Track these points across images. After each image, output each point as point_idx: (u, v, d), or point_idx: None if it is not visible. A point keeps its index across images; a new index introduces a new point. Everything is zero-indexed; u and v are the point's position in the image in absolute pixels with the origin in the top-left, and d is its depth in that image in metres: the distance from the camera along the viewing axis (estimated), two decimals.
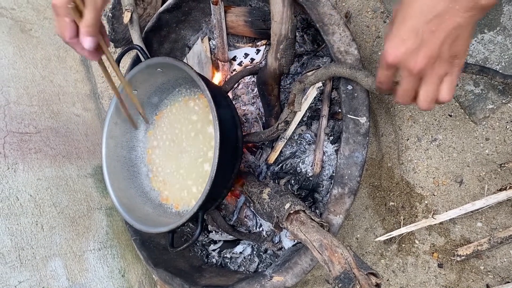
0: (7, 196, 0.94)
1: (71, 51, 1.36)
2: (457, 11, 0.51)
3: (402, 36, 0.55)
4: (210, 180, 0.75)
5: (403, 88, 0.60)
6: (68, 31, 0.67)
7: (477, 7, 0.51)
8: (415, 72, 0.56)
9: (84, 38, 0.67)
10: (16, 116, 1.05)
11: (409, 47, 0.55)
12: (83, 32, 0.67)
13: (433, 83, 0.58)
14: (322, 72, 0.80)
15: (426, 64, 0.55)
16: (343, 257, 0.64)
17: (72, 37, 0.67)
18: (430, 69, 0.56)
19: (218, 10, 1.05)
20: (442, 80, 0.57)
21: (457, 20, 0.52)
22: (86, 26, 0.66)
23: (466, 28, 0.53)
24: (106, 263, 1.07)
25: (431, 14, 0.53)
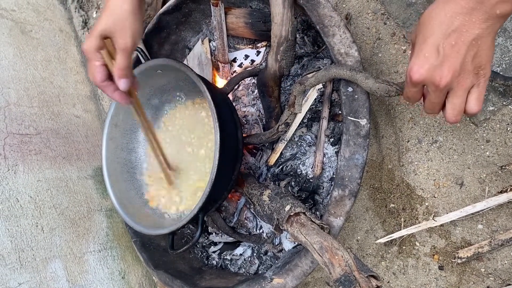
0: (7, 197, 0.94)
1: (71, 52, 1.36)
2: (473, 23, 0.53)
3: (425, 53, 0.57)
4: (210, 181, 0.75)
5: (431, 102, 0.62)
6: (99, 75, 0.69)
7: (493, 17, 0.52)
8: (442, 86, 0.57)
9: (119, 80, 0.69)
10: (16, 117, 1.05)
11: (433, 63, 0.56)
12: (117, 75, 0.69)
13: (460, 96, 0.58)
14: (323, 74, 0.80)
15: (451, 78, 0.56)
16: (343, 259, 0.64)
17: (103, 80, 0.70)
18: (455, 82, 0.57)
19: (218, 12, 1.05)
20: (469, 91, 0.58)
21: (475, 32, 0.53)
22: (120, 69, 0.68)
23: (486, 38, 0.54)
24: (106, 264, 1.07)
25: (450, 29, 0.54)
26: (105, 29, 0.67)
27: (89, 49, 0.67)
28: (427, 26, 0.57)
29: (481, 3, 0.51)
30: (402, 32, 0.97)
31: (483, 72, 0.57)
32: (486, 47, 0.55)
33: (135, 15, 0.68)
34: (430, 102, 0.62)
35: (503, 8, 0.51)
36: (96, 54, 0.68)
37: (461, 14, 0.53)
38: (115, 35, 0.67)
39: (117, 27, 0.67)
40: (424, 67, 0.57)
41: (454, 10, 0.54)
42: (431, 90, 0.59)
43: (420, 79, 0.58)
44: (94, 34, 0.67)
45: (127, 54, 0.68)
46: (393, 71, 0.97)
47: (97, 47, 0.67)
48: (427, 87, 0.60)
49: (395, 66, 0.97)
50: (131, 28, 0.68)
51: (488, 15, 0.52)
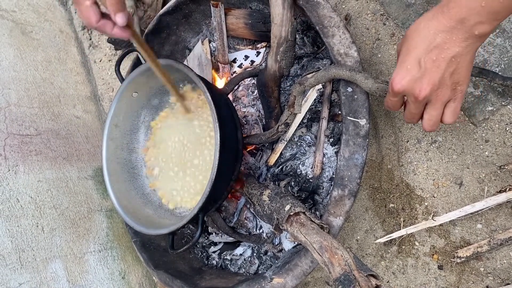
0: (7, 198, 0.94)
1: (71, 53, 1.37)
2: (454, 42, 0.56)
3: (407, 65, 0.60)
4: (210, 182, 0.75)
5: (409, 112, 0.65)
6: (94, 15, 0.64)
7: (472, 37, 0.55)
8: (420, 98, 0.60)
9: (116, 15, 0.64)
10: (17, 118, 1.06)
11: (414, 76, 0.59)
12: (112, 10, 0.64)
13: (436, 109, 0.62)
14: (322, 74, 0.81)
15: (430, 91, 0.59)
16: (343, 259, 0.64)
17: (98, 19, 0.65)
18: (434, 95, 0.60)
19: (218, 13, 1.05)
20: (446, 104, 0.62)
21: (455, 50, 0.56)
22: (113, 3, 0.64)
23: (465, 56, 0.57)
24: (106, 265, 1.07)
25: (432, 44, 0.57)
26: None
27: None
28: (412, 40, 0.60)
29: (461, 23, 0.54)
30: (401, 33, 0.97)
31: (460, 88, 0.60)
32: (464, 64, 0.58)
33: None
34: (409, 112, 0.65)
35: (482, 29, 0.54)
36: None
37: (443, 32, 0.56)
38: None
39: None
40: (406, 78, 0.60)
41: (437, 27, 0.57)
42: (411, 101, 0.63)
43: (401, 89, 0.61)
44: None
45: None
46: (392, 71, 0.97)
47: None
48: (407, 97, 0.64)
49: (394, 66, 0.97)
50: None
51: (468, 35, 0.55)
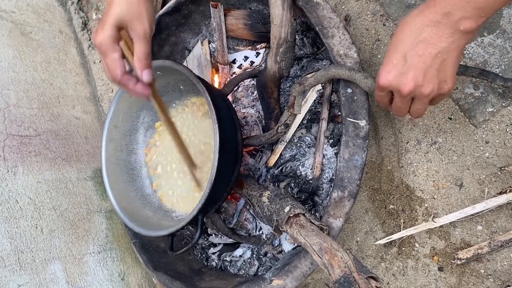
0: (6, 199, 0.94)
1: (71, 53, 1.36)
2: (440, 37, 0.56)
3: (393, 60, 0.60)
4: (210, 183, 0.75)
5: (396, 105, 0.66)
6: (120, 68, 0.64)
7: (458, 32, 0.55)
8: (405, 94, 0.60)
9: (143, 71, 0.64)
10: (16, 119, 1.05)
11: (399, 70, 0.59)
12: (140, 66, 0.63)
13: (422, 103, 0.63)
14: (322, 74, 0.80)
15: (414, 86, 0.59)
16: (343, 261, 0.64)
17: (124, 73, 0.64)
18: (418, 91, 0.60)
19: (217, 13, 1.05)
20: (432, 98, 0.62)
21: (441, 45, 0.56)
22: (142, 59, 0.63)
23: (451, 53, 0.57)
24: (105, 266, 1.07)
25: (418, 39, 0.57)
26: (120, 18, 0.61)
27: (105, 41, 0.62)
28: (399, 35, 0.60)
29: (447, 17, 0.54)
30: None
31: (447, 88, 0.60)
32: (450, 61, 0.58)
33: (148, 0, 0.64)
34: (396, 105, 0.66)
35: (467, 25, 0.54)
36: (114, 46, 0.62)
37: (428, 26, 0.56)
38: (132, 23, 0.62)
39: (133, 14, 0.62)
40: (391, 73, 0.60)
41: (423, 22, 0.57)
42: (396, 95, 0.63)
43: (386, 84, 0.61)
44: (108, 25, 0.61)
45: (147, 41, 0.64)
46: None
47: (114, 39, 0.62)
48: (393, 92, 0.64)
49: None
50: (147, 13, 0.63)
51: (453, 30, 0.55)
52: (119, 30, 0.63)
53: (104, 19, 0.62)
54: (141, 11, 0.62)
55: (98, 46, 0.63)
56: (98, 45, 0.63)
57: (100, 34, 0.62)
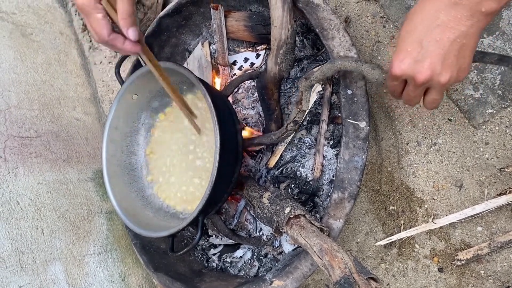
0: (7, 200, 0.94)
1: (71, 55, 1.37)
2: (459, 20, 0.52)
3: (407, 47, 0.56)
4: (210, 184, 0.75)
5: (408, 94, 0.62)
6: (106, 28, 0.62)
7: (478, 14, 0.51)
8: (420, 82, 0.57)
9: (128, 30, 0.63)
10: (17, 120, 1.06)
11: (414, 58, 0.55)
12: (124, 24, 0.62)
13: (439, 93, 0.59)
14: (328, 67, 0.78)
15: (430, 74, 0.55)
16: (343, 262, 0.64)
17: (110, 33, 0.62)
18: (435, 80, 0.56)
19: (218, 15, 1.05)
20: None
21: (460, 29, 0.52)
22: (127, 17, 0.62)
23: (471, 37, 0.53)
24: (106, 267, 1.07)
25: (434, 23, 0.53)
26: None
27: (87, 2, 0.60)
28: (413, 20, 0.56)
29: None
30: None
31: (463, 75, 0.57)
32: (469, 47, 0.54)
33: None
34: (408, 94, 0.62)
35: (489, 6, 0.50)
36: (97, 6, 0.60)
37: (445, 10, 0.52)
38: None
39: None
40: (405, 61, 0.56)
41: (438, 6, 0.53)
42: (410, 84, 0.59)
43: (399, 73, 0.58)
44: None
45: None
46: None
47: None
48: (407, 80, 0.60)
49: None
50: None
51: (473, 12, 0.51)
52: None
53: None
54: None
55: (80, 8, 0.61)
56: (80, 6, 0.61)
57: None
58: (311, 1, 0.87)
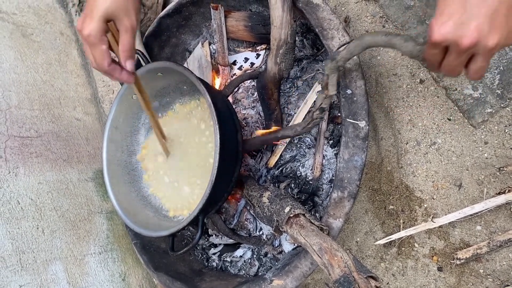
0: (8, 200, 0.94)
1: (72, 55, 1.37)
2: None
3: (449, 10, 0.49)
4: (210, 184, 0.75)
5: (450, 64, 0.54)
6: (107, 59, 0.67)
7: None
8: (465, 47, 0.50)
9: (126, 62, 0.68)
10: (17, 120, 1.06)
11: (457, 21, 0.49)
12: (124, 56, 0.68)
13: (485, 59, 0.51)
14: (356, 44, 0.71)
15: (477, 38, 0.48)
16: (342, 261, 0.64)
17: (110, 63, 0.68)
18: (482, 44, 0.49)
19: (218, 15, 1.05)
20: None
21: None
22: (127, 51, 0.67)
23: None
24: (106, 267, 1.07)
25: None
26: (108, 12, 0.64)
27: (94, 33, 0.64)
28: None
29: None
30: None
31: None
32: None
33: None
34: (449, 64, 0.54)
35: None
36: (103, 38, 0.65)
37: None
38: (120, 17, 0.65)
39: (122, 9, 0.65)
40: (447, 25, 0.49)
41: None
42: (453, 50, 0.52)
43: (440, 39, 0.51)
44: (97, 18, 0.64)
45: (133, 34, 0.67)
46: (391, 73, 0.98)
47: (102, 31, 0.65)
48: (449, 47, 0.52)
49: (393, 68, 0.98)
50: (134, 7, 0.66)
51: None
52: (107, 23, 0.65)
53: (91, 10, 0.64)
54: (128, 6, 0.65)
55: (86, 38, 0.65)
56: (86, 37, 0.64)
57: (88, 26, 0.64)
58: (311, 1, 0.87)
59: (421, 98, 0.95)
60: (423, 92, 0.94)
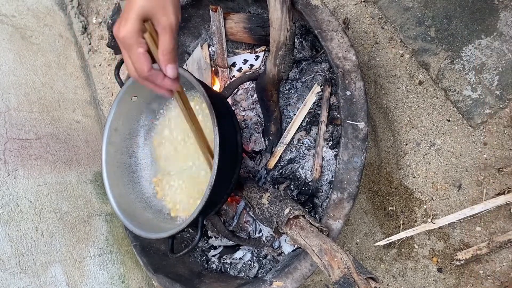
0: (7, 202, 0.94)
1: (71, 57, 1.37)
2: None
3: None
4: (210, 185, 0.75)
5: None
6: (147, 64, 0.58)
7: None
8: None
9: (167, 66, 0.59)
10: (17, 122, 1.06)
11: None
12: (164, 60, 0.59)
13: None
14: None
15: None
16: (342, 262, 0.64)
17: (150, 68, 0.59)
18: None
19: (217, 17, 1.06)
20: None
21: None
22: (168, 53, 0.59)
23: None
24: (106, 269, 1.07)
25: None
26: (145, 10, 0.57)
27: (130, 35, 0.57)
28: None
29: None
30: (399, 37, 0.98)
31: None
32: None
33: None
34: None
35: None
36: (139, 40, 0.57)
37: None
38: (157, 15, 0.57)
39: (158, 5, 0.57)
40: None
41: None
42: None
43: None
44: (132, 18, 0.56)
45: (173, 34, 0.59)
46: (391, 74, 0.98)
47: (139, 32, 0.57)
48: None
49: (393, 70, 0.98)
50: (173, 4, 0.58)
51: None
52: (143, 22, 0.58)
53: (127, 11, 0.58)
54: (165, 3, 0.58)
55: (122, 41, 0.58)
56: (122, 39, 0.57)
57: (123, 28, 0.57)
58: (310, 3, 0.88)
59: (420, 99, 0.95)
60: (422, 93, 0.95)
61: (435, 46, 0.93)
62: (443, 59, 0.93)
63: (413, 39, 0.96)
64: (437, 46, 0.93)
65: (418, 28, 0.95)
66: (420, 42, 0.95)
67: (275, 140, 1.00)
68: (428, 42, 0.94)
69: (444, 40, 0.92)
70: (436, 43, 0.93)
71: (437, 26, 0.93)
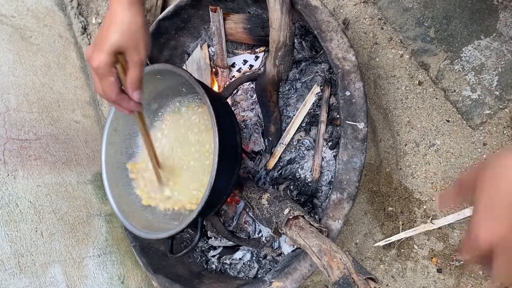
0: (6, 202, 0.94)
1: (70, 58, 1.37)
2: None
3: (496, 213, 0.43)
4: (210, 186, 0.75)
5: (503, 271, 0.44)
6: (116, 90, 0.68)
7: None
8: None
9: (134, 92, 0.69)
10: (16, 123, 1.06)
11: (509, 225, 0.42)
12: (132, 87, 0.69)
13: None
14: None
15: None
16: (342, 262, 0.64)
17: (118, 94, 0.69)
18: None
19: (217, 17, 1.06)
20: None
21: None
22: (135, 82, 0.68)
23: None
24: (105, 269, 1.07)
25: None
26: (118, 45, 0.65)
27: (103, 66, 0.65)
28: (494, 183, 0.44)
29: None
30: (399, 37, 0.98)
31: None
32: None
33: (145, 27, 0.68)
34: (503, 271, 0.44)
35: None
36: (111, 70, 0.66)
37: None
38: (130, 51, 0.66)
39: (131, 42, 0.66)
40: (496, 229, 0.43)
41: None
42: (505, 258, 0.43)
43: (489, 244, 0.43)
44: (106, 50, 0.65)
45: (141, 67, 0.68)
46: (390, 75, 0.98)
47: (111, 63, 0.66)
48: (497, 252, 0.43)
49: (392, 70, 0.98)
50: (144, 42, 0.67)
51: None
52: (116, 55, 0.66)
53: (102, 41, 0.65)
54: (138, 41, 0.66)
55: (95, 69, 0.66)
56: (95, 69, 0.66)
57: (97, 58, 0.65)
58: (310, 3, 0.88)
59: (419, 100, 0.95)
60: (422, 93, 0.95)
61: (434, 47, 0.94)
62: (442, 60, 0.93)
63: (412, 39, 0.96)
64: (437, 47, 0.93)
65: (418, 29, 0.95)
66: (419, 42, 0.95)
67: (275, 141, 1.00)
68: (428, 42, 0.94)
69: (444, 41, 0.93)
70: (436, 43, 0.93)
71: (437, 27, 0.93)
